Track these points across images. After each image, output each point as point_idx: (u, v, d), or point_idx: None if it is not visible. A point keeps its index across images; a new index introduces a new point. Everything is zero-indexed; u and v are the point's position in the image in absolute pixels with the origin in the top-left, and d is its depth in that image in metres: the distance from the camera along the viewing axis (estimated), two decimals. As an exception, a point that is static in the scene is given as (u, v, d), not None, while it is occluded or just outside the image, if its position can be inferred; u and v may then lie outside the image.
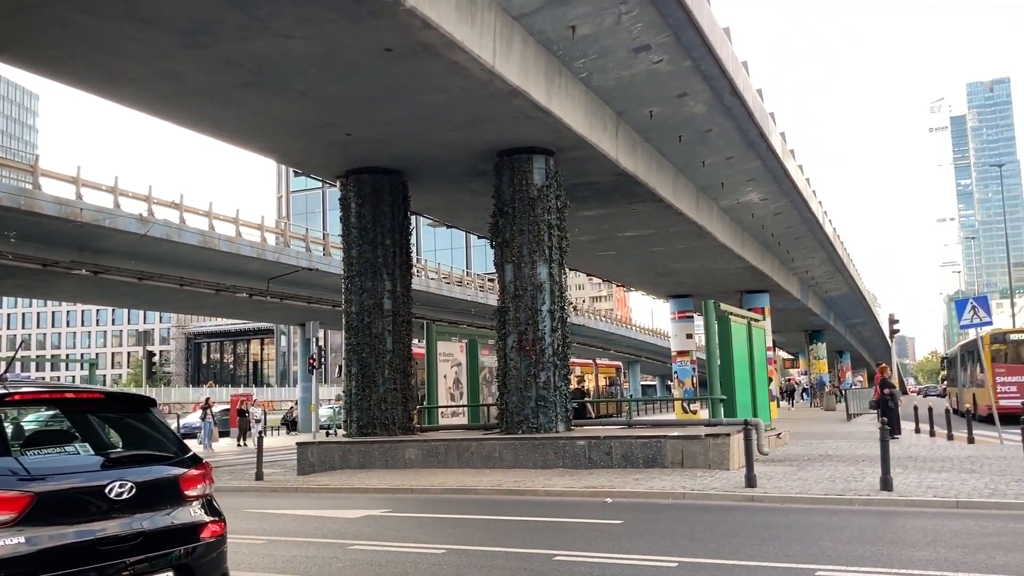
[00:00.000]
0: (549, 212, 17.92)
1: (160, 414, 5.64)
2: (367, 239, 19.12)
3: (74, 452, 5.19)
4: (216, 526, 5.24)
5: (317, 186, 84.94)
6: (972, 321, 19.51)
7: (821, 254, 38.93)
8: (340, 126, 16.51)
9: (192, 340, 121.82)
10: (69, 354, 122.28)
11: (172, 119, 16.51)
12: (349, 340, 19.27)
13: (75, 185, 26.26)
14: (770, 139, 21.97)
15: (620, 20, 14.22)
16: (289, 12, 11.61)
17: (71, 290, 34.67)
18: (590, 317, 67.82)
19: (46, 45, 12.68)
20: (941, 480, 12.52)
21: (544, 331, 17.71)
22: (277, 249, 34.69)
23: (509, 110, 15.57)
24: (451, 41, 12.50)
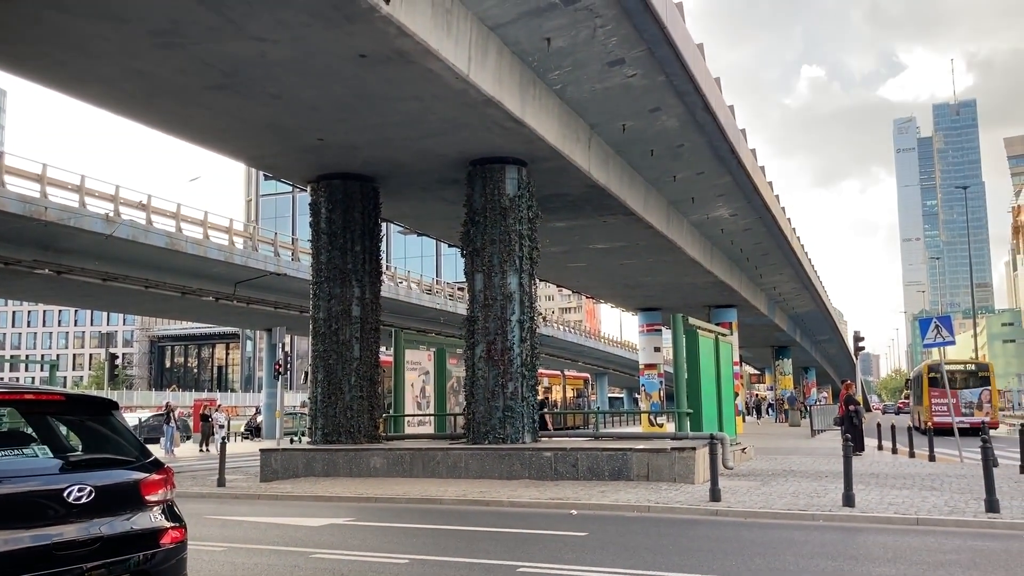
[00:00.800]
0: (520, 222, 17.94)
1: (121, 417, 5.55)
2: (337, 245, 19.02)
3: (32, 455, 5.08)
4: (176, 532, 5.16)
5: (287, 190, 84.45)
6: (935, 340, 19.78)
7: (789, 270, 39.33)
8: (312, 131, 16.42)
9: (156, 343, 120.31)
10: (29, 355, 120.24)
11: (142, 120, 16.32)
12: (316, 346, 19.12)
13: (40, 183, 25.86)
14: (741, 155, 22.19)
15: (595, 33, 14.31)
16: (263, 15, 11.54)
17: (33, 290, 34.11)
18: (559, 328, 67.91)
19: (14, 41, 12.49)
20: (902, 497, 12.66)
21: (513, 341, 17.70)
22: (245, 253, 34.39)
23: (483, 120, 15.59)
24: (426, 49, 12.50)
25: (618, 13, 13.86)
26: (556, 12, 13.52)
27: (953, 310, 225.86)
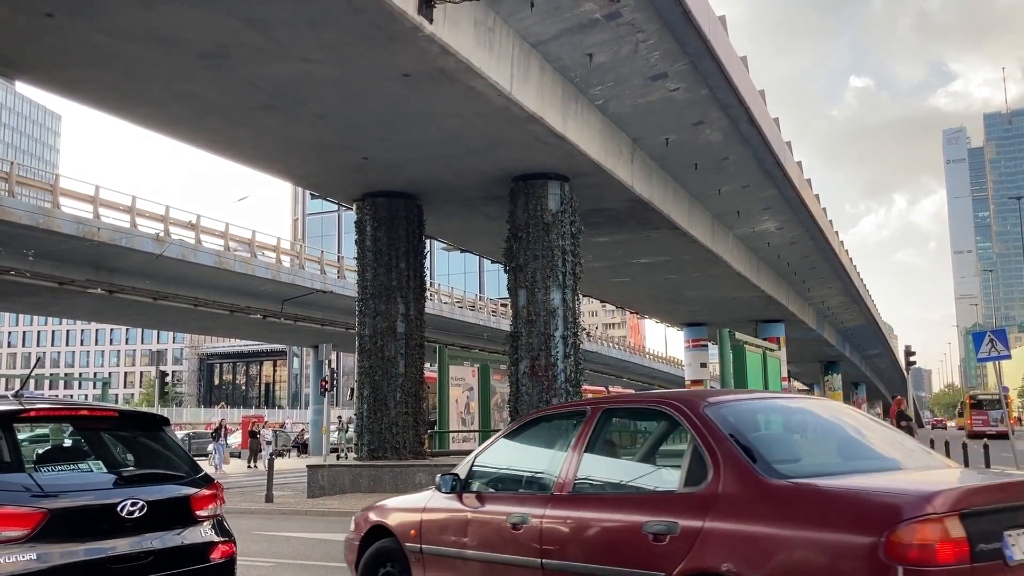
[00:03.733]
0: (563, 238, 17.92)
1: (173, 433, 5.63)
2: (382, 262, 19.16)
3: (87, 469, 5.19)
4: (226, 547, 5.20)
5: (333, 209, 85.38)
6: (990, 354, 19.30)
7: (837, 284, 38.77)
8: (357, 149, 16.61)
9: (205, 360, 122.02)
10: (83, 372, 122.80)
11: (190, 140, 16.66)
12: (362, 363, 19.26)
13: (93, 204, 26.50)
14: (786, 168, 21.97)
15: (637, 48, 14.29)
16: (308, 36, 11.72)
17: (86, 308, 34.90)
18: (603, 344, 67.65)
19: (68, 67, 12.85)
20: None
21: (557, 357, 17.66)
22: (292, 271, 34.84)
23: (525, 136, 15.64)
24: (469, 67, 12.58)
25: (660, 27, 13.85)
26: (598, 28, 13.54)
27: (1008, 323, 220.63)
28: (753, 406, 5.20)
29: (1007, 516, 3.72)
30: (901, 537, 3.46)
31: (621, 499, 4.80)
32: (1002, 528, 3.64)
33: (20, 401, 5.03)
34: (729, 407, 4.77)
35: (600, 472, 5.06)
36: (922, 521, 3.47)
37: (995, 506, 3.72)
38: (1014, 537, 3.65)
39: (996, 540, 3.58)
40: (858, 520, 3.65)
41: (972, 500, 3.67)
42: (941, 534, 3.47)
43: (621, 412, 5.57)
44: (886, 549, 3.46)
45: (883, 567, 3.43)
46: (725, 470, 4.20)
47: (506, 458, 5.80)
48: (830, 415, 5.23)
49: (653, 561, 4.23)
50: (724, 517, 4.05)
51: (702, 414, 4.54)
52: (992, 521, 3.63)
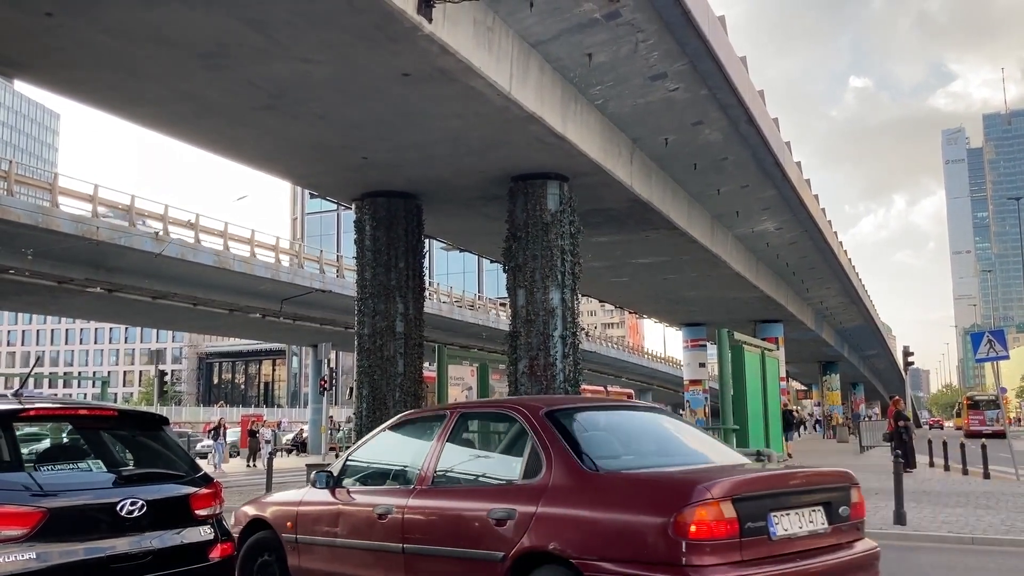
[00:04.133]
0: (562, 238, 17.94)
1: (172, 433, 5.64)
2: (381, 262, 19.17)
3: (86, 469, 5.19)
4: (226, 546, 5.22)
5: (332, 208, 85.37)
6: (988, 355, 19.33)
7: (836, 284, 38.80)
8: (356, 149, 16.62)
9: (204, 360, 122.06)
10: (82, 371, 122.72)
11: (190, 140, 16.67)
12: (361, 362, 19.27)
13: (92, 203, 26.49)
14: (786, 168, 21.99)
15: (637, 48, 14.31)
16: (309, 36, 11.73)
17: (85, 307, 34.91)
18: (602, 344, 67.65)
19: (68, 66, 12.85)
20: (956, 515, 12.36)
21: (556, 357, 17.67)
22: (291, 270, 34.84)
23: (525, 136, 15.65)
24: (468, 67, 12.59)
25: (660, 28, 13.86)
26: (597, 28, 13.55)
27: (1006, 324, 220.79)
28: (584, 411, 6.00)
29: (772, 501, 4.63)
30: (685, 517, 4.29)
31: (471, 490, 5.53)
32: (767, 510, 4.57)
33: (20, 400, 5.04)
34: (563, 412, 5.51)
35: (455, 467, 5.74)
36: (702, 505, 4.32)
37: (762, 493, 4.65)
38: (778, 517, 4.61)
39: (762, 520, 4.51)
40: (655, 504, 4.48)
41: (743, 488, 4.53)
42: (716, 515, 4.32)
43: (475, 415, 6.32)
44: (674, 527, 4.30)
45: (672, 541, 4.29)
46: (556, 465, 5.00)
47: (375, 456, 6.48)
48: (650, 420, 6.22)
49: (495, 543, 4.97)
50: (553, 503, 4.81)
51: (540, 417, 5.32)
52: (759, 505, 4.54)
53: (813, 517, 4.83)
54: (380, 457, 6.46)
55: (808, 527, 4.76)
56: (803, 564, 4.61)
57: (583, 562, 4.55)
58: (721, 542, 4.31)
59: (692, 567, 4.24)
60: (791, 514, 4.70)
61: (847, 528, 5.03)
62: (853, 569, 4.94)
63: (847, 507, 5.07)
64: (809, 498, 4.89)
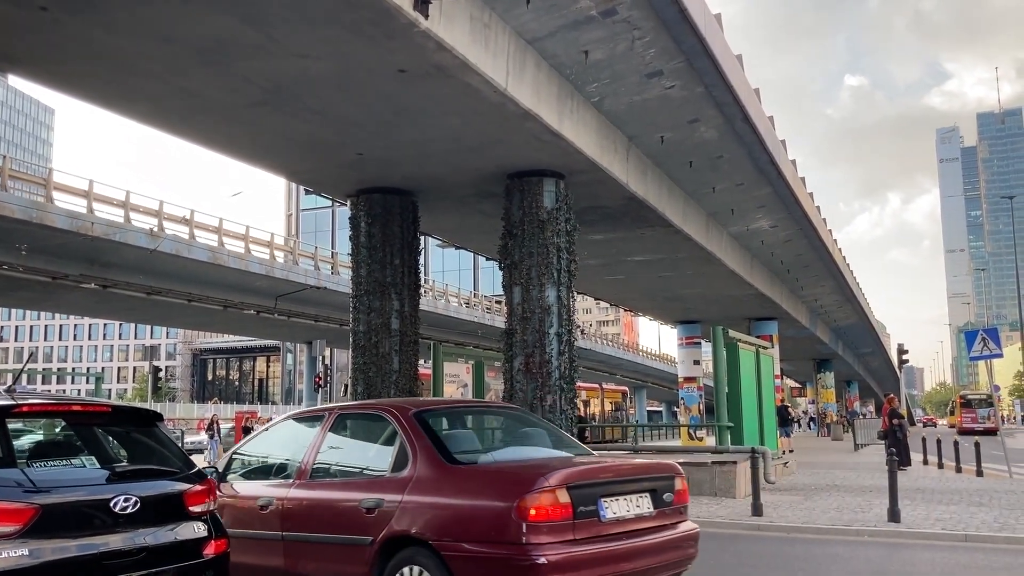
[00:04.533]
0: (558, 235, 17.93)
1: (166, 429, 5.62)
2: (376, 258, 19.14)
3: (80, 465, 5.18)
4: (219, 543, 5.22)
5: (327, 205, 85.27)
6: (982, 353, 19.39)
7: (831, 282, 38.84)
8: (352, 146, 16.59)
9: (198, 356, 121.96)
10: (76, 367, 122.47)
11: (186, 136, 16.61)
12: (356, 359, 19.24)
13: (87, 199, 26.45)
14: (781, 167, 21.99)
15: (633, 45, 14.29)
16: (305, 32, 11.70)
17: (80, 304, 34.81)
18: (597, 341, 67.73)
19: (63, 61, 12.79)
20: (950, 513, 12.40)
21: (551, 354, 17.67)
22: (286, 267, 34.82)
23: (521, 133, 15.63)
24: (465, 63, 12.57)
25: (656, 25, 13.85)
26: (594, 25, 13.53)
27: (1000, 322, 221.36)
28: (448, 412, 6.82)
29: (602, 488, 5.46)
30: (526, 503, 5.04)
31: (346, 483, 6.11)
32: (598, 496, 5.38)
33: (12, 396, 5.02)
34: (428, 412, 6.22)
35: (332, 462, 6.39)
36: (540, 492, 5.08)
37: (594, 482, 5.48)
38: (608, 502, 5.43)
39: (593, 504, 5.33)
40: (501, 492, 5.21)
41: (576, 478, 5.34)
42: (553, 501, 5.10)
43: (352, 415, 6.85)
44: (516, 511, 5.04)
45: (515, 523, 5.02)
46: (420, 459, 5.67)
47: (259, 453, 7.04)
48: (508, 419, 7.19)
49: (365, 529, 5.60)
50: (416, 493, 5.47)
51: (408, 417, 5.97)
52: (591, 492, 5.34)
53: (640, 502, 5.68)
54: (263, 453, 7.00)
55: (635, 511, 5.62)
56: (628, 542, 5.48)
57: (440, 543, 5.26)
58: (556, 524, 5.10)
59: (531, 545, 5.01)
60: (620, 500, 5.53)
61: (671, 512, 5.91)
62: (674, 547, 5.83)
63: (671, 494, 5.93)
64: (636, 486, 5.73)
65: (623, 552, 5.40)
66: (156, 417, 5.54)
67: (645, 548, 5.57)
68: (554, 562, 5.02)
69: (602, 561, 5.26)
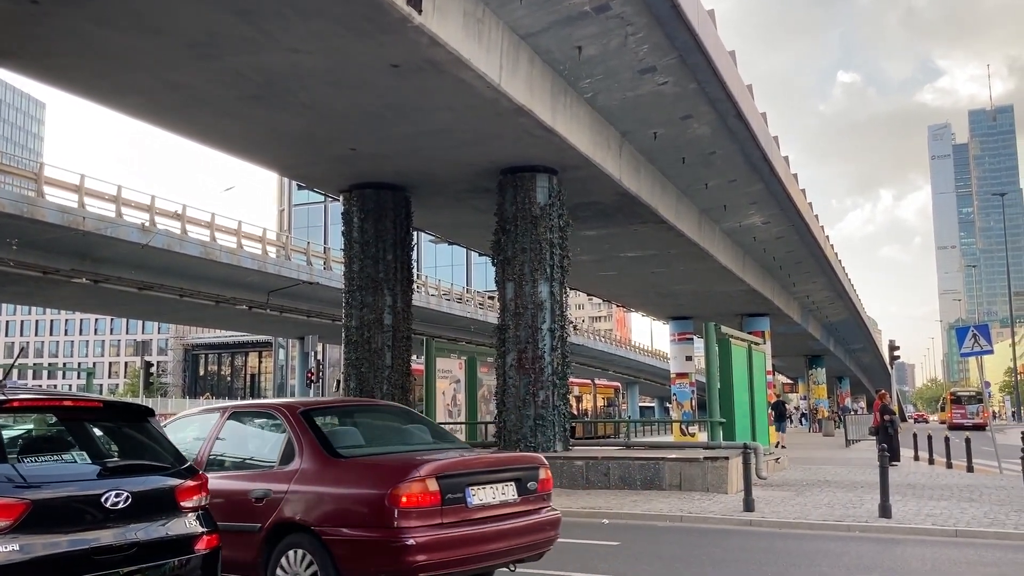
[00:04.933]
0: (551, 231, 17.92)
1: (158, 424, 5.61)
2: (369, 254, 19.10)
3: (71, 460, 5.15)
4: (211, 538, 5.21)
5: (319, 200, 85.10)
6: (973, 349, 19.48)
7: (823, 279, 38.92)
8: (345, 141, 16.54)
9: (190, 351, 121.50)
10: (67, 362, 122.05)
11: (178, 130, 16.55)
12: (348, 355, 19.21)
13: (78, 194, 26.33)
14: (774, 163, 22.02)
15: (626, 41, 14.29)
16: (298, 26, 11.65)
17: (71, 298, 34.67)
18: (590, 337, 67.76)
19: (54, 54, 12.72)
20: (940, 508, 12.46)
21: (544, 350, 17.67)
22: (278, 262, 34.74)
23: (514, 128, 15.61)
24: (458, 58, 12.54)
25: (649, 21, 13.84)
26: (587, 20, 13.52)
27: (991, 319, 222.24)
28: (334, 411, 7.40)
29: (469, 478, 6.09)
30: (398, 491, 5.67)
31: (238, 475, 6.65)
32: (465, 485, 6.03)
33: (3, 391, 4.99)
34: (315, 411, 6.78)
35: (226, 455, 6.92)
36: (411, 482, 5.73)
37: (461, 472, 6.11)
38: (474, 490, 6.08)
39: (460, 492, 5.96)
40: (377, 482, 5.83)
41: (445, 469, 5.98)
42: (422, 489, 5.74)
43: (245, 413, 7.36)
44: (389, 498, 5.66)
45: (388, 509, 5.66)
46: (306, 453, 6.27)
47: None
48: (391, 417, 7.88)
49: (254, 517, 6.17)
50: (302, 484, 6.03)
51: (296, 415, 6.56)
52: (458, 482, 5.98)
53: (505, 490, 6.33)
54: None
55: (500, 498, 6.28)
56: (493, 525, 6.14)
57: (322, 529, 5.86)
58: (426, 509, 5.73)
59: (402, 528, 5.64)
60: (486, 488, 6.18)
61: (534, 499, 6.58)
62: (536, 530, 6.50)
63: (535, 483, 6.60)
64: (501, 476, 6.38)
65: (488, 534, 6.09)
66: (148, 412, 5.52)
67: (509, 531, 6.25)
68: (422, 543, 5.65)
69: (467, 542, 5.94)
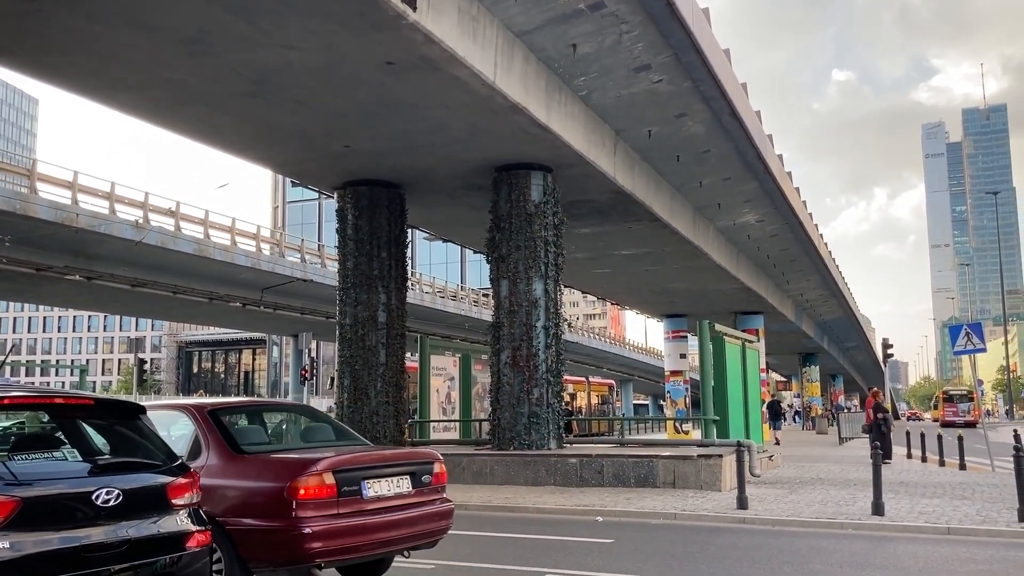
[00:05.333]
0: (546, 228, 17.92)
1: (149, 422, 5.60)
2: (363, 251, 19.08)
3: (62, 458, 5.14)
4: (202, 535, 5.21)
5: (313, 197, 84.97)
6: (966, 347, 19.52)
7: (816, 277, 39.00)
8: (339, 138, 16.52)
9: (183, 348, 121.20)
10: (60, 359, 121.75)
11: (171, 127, 16.50)
12: (342, 352, 19.19)
13: (71, 190, 26.25)
14: (768, 161, 22.05)
15: (621, 39, 14.29)
16: (292, 23, 11.63)
17: (64, 295, 34.58)
18: (584, 334, 67.80)
19: (47, 50, 12.67)
20: (933, 506, 12.49)
21: (538, 347, 17.67)
22: (272, 259, 34.68)
23: (509, 126, 15.60)
24: (452, 56, 12.53)
25: (644, 19, 13.84)
26: (582, 18, 13.51)
27: (984, 317, 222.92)
28: (240, 411, 7.83)
29: (365, 472, 6.61)
30: (296, 484, 6.12)
31: None
32: (361, 479, 6.51)
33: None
34: (222, 410, 7.22)
35: None
36: (309, 476, 6.18)
37: (357, 466, 6.60)
38: (370, 483, 6.57)
39: (356, 485, 6.44)
40: (277, 476, 6.25)
41: (341, 464, 6.46)
42: (319, 482, 6.19)
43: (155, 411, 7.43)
44: (288, 491, 6.11)
45: (287, 501, 6.09)
46: (212, 450, 6.72)
47: None
48: (295, 416, 8.53)
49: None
50: (207, 478, 6.18)
51: (204, 415, 7.02)
52: (354, 475, 6.47)
53: (400, 483, 6.83)
54: None
55: (395, 490, 6.77)
56: (387, 516, 6.62)
57: (225, 519, 6.22)
58: (322, 501, 6.18)
59: (299, 518, 6.07)
60: (381, 481, 6.67)
61: (428, 491, 7.08)
62: (429, 519, 6.98)
63: (429, 476, 7.11)
64: (397, 470, 6.90)
65: (381, 524, 6.57)
66: (139, 410, 5.52)
67: (403, 520, 6.74)
68: (317, 532, 6.10)
69: (362, 531, 6.42)
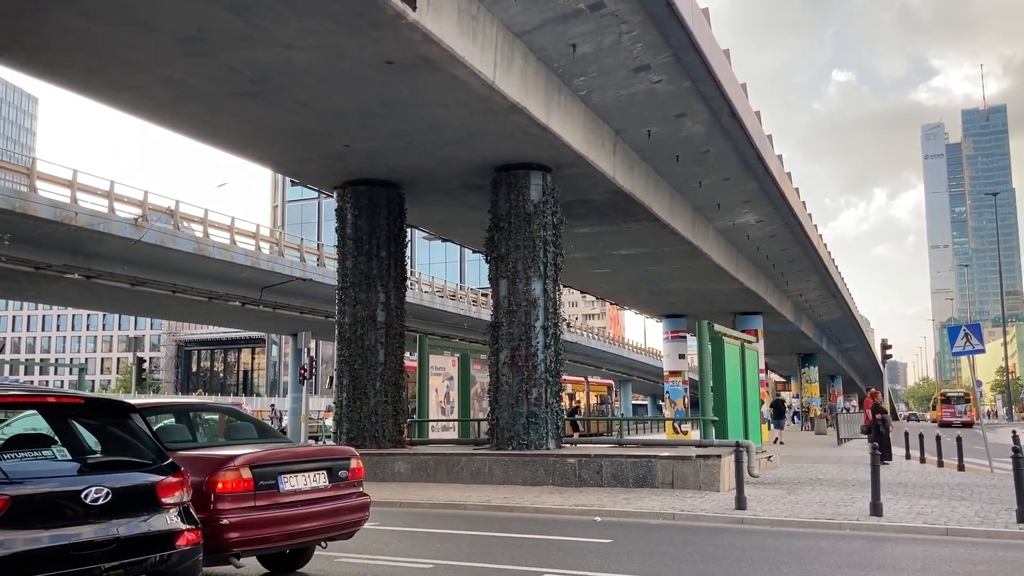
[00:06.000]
0: (545, 228, 17.91)
1: (140, 421, 5.62)
2: (362, 251, 19.08)
3: (52, 457, 5.15)
4: (192, 534, 5.24)
5: (313, 196, 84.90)
6: (964, 348, 19.52)
7: (815, 278, 38.99)
8: (338, 137, 16.50)
9: (182, 347, 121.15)
10: (59, 358, 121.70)
11: (171, 126, 16.48)
12: (341, 351, 19.18)
13: (71, 189, 26.23)
14: (767, 162, 22.04)
15: (621, 39, 14.28)
16: (291, 22, 11.61)
17: (63, 294, 34.55)
18: (583, 334, 67.77)
19: (47, 49, 12.66)
20: (931, 507, 12.48)
21: (537, 347, 17.66)
22: (271, 258, 34.65)
23: (508, 126, 15.59)
24: (452, 55, 12.52)
25: (644, 19, 13.83)
26: (581, 18, 13.50)
27: (983, 318, 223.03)
28: (165, 411, 8.21)
29: (282, 467, 7.09)
30: (216, 478, 6.57)
31: None
32: (278, 473, 7.00)
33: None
34: (147, 410, 7.35)
35: None
36: (226, 470, 6.65)
37: (274, 462, 7.08)
38: (287, 478, 7.06)
39: (273, 479, 6.92)
40: (197, 471, 6.36)
41: (258, 460, 6.93)
42: (237, 477, 6.66)
43: None
44: (207, 484, 6.50)
45: (205, 494, 6.45)
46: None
47: None
48: (219, 415, 9.03)
49: None
50: None
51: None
52: (271, 471, 6.95)
53: (317, 478, 7.29)
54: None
55: (312, 484, 7.23)
56: (303, 508, 7.07)
57: None
58: (240, 494, 6.64)
59: (218, 510, 6.49)
60: (298, 476, 7.14)
61: (345, 485, 7.58)
62: (344, 512, 7.49)
63: (346, 471, 7.62)
64: (314, 465, 7.38)
65: (297, 516, 7.01)
66: (130, 409, 5.53)
67: (318, 513, 7.19)
68: (235, 523, 6.54)
69: (279, 522, 6.87)
